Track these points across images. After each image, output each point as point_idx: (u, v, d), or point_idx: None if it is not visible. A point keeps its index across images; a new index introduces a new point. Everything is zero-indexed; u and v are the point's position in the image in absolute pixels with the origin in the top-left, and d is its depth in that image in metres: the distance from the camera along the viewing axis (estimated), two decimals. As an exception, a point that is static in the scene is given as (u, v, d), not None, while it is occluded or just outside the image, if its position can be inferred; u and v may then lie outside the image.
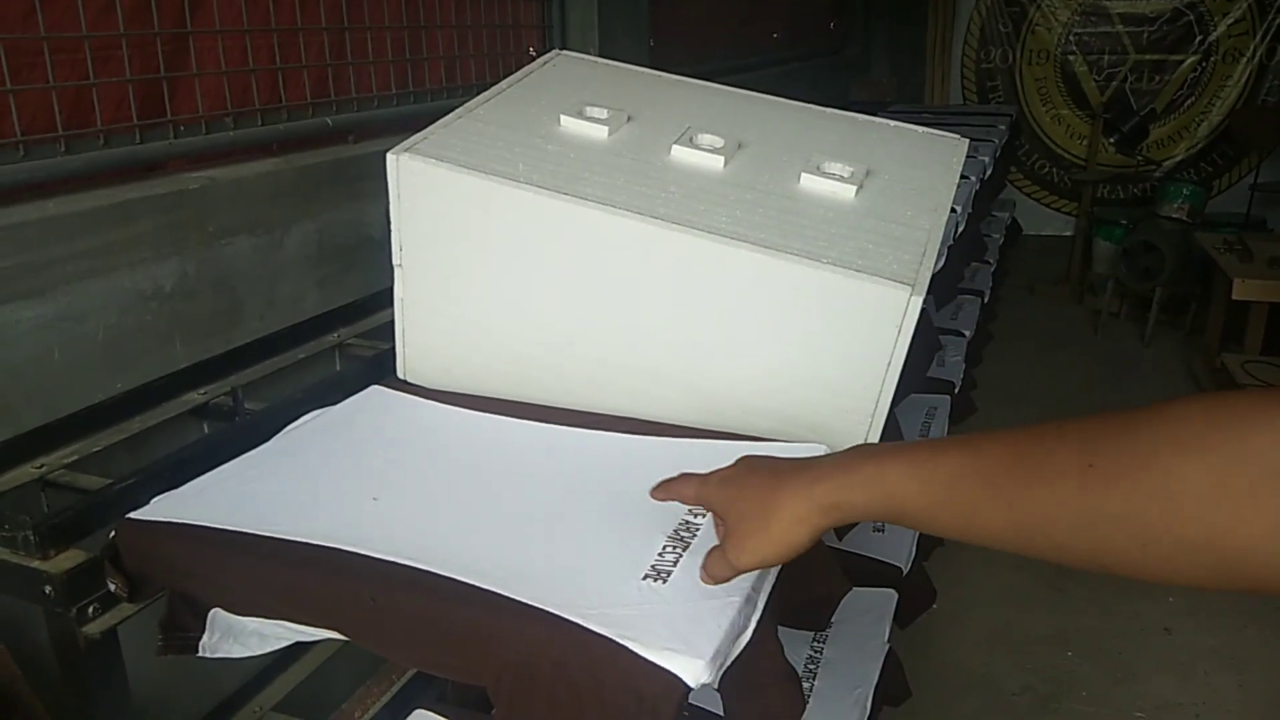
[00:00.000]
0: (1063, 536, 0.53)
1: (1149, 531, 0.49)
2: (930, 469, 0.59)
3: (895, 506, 0.60)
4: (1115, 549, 0.51)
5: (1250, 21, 5.30)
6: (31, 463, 0.99)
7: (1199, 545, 0.48)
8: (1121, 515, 0.50)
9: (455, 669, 0.74)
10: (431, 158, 1.01)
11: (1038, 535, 0.54)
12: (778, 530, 0.65)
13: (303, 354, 1.32)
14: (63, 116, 1.15)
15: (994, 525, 0.56)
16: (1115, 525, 0.50)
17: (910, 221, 1.02)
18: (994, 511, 0.56)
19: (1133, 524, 0.50)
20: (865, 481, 0.62)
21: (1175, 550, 0.49)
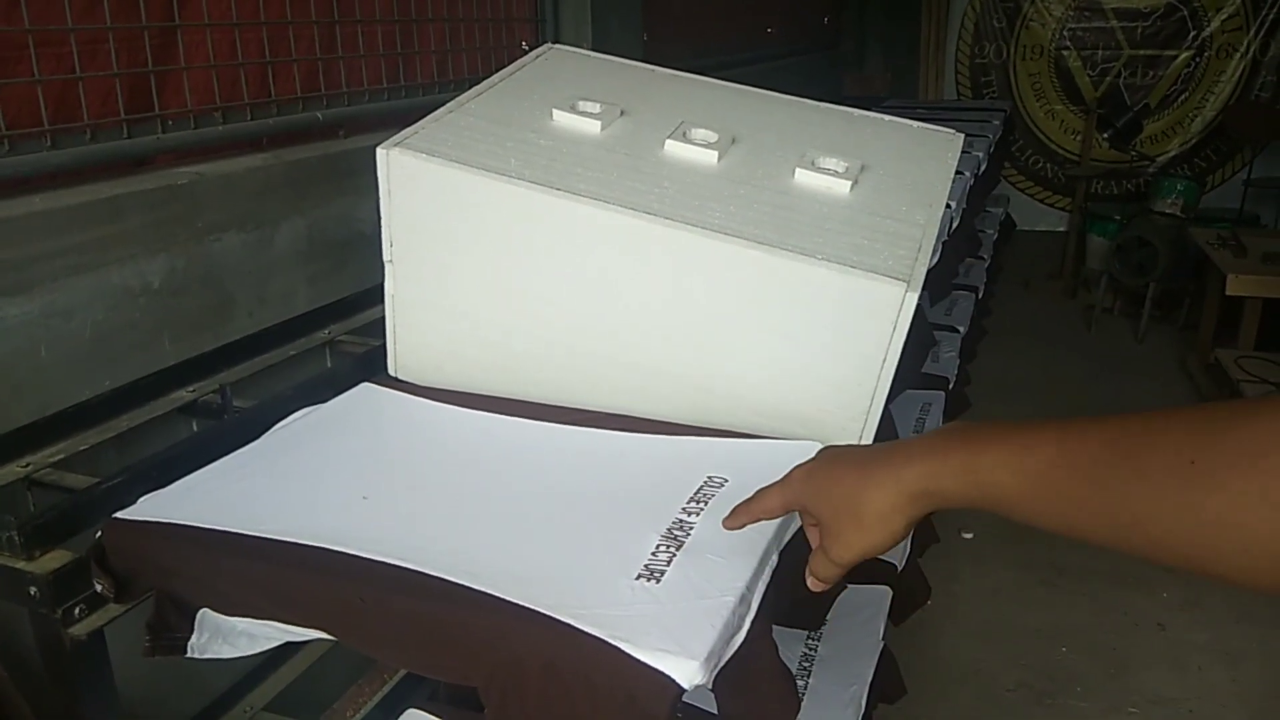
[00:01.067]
0: (1161, 535, 0.50)
1: (1252, 536, 0.46)
2: (1024, 458, 0.57)
3: (989, 496, 0.58)
4: (1216, 553, 0.48)
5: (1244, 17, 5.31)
6: (17, 461, 0.98)
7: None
8: (1224, 518, 0.47)
9: (446, 670, 0.73)
10: (422, 153, 1.00)
11: (1135, 533, 0.52)
12: (872, 521, 0.63)
13: (293, 351, 1.31)
14: (49, 111, 1.13)
15: (1090, 521, 0.54)
16: (1217, 528, 0.48)
17: (905, 217, 1.01)
18: (1091, 507, 0.53)
19: (1235, 527, 0.47)
20: (957, 469, 0.60)
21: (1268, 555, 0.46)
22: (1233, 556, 0.48)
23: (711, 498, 0.84)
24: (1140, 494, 0.51)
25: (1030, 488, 0.56)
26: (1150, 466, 0.50)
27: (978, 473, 0.58)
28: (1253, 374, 3.19)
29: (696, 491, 0.84)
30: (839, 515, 0.64)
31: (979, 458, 0.59)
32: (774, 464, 0.89)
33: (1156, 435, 0.51)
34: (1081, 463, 0.54)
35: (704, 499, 0.83)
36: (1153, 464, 0.50)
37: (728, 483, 0.86)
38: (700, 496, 0.84)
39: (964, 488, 0.59)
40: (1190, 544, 0.49)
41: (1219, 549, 0.48)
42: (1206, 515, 0.48)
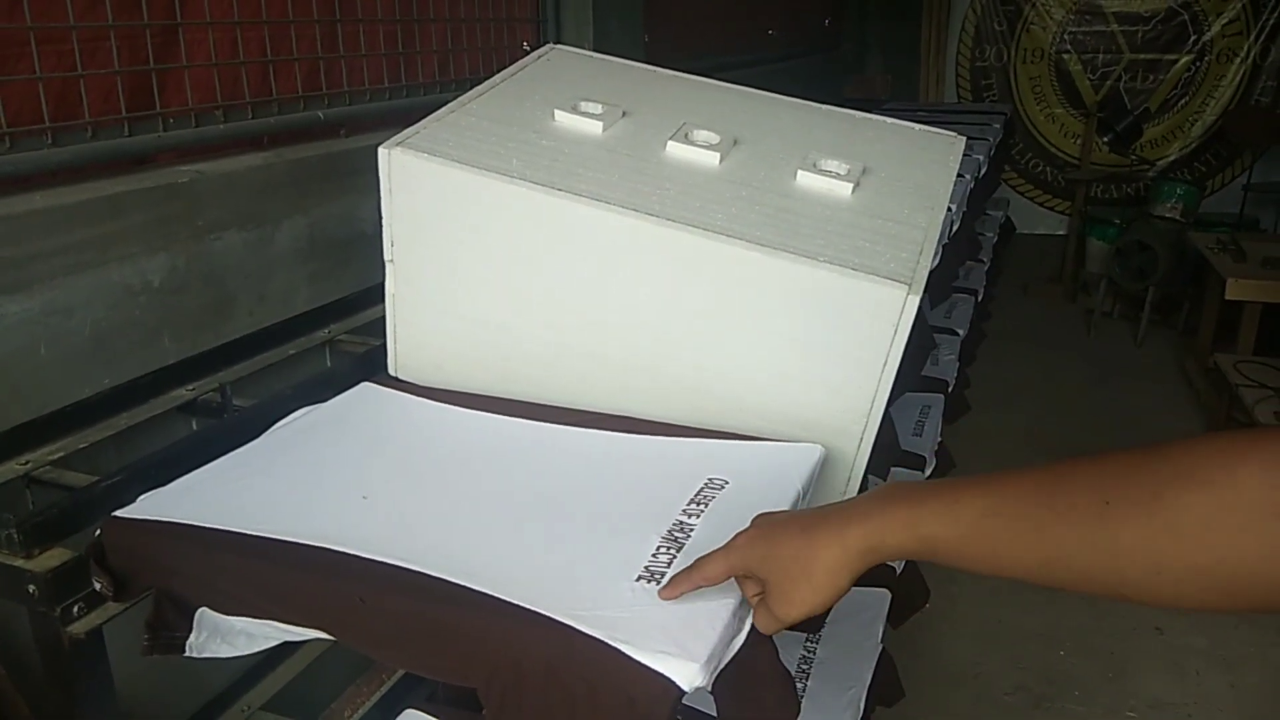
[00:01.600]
0: (1084, 569, 0.58)
1: (1161, 560, 0.54)
2: (957, 510, 0.62)
3: (927, 547, 0.64)
4: (1132, 579, 0.56)
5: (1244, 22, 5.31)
6: (16, 459, 0.98)
7: (1205, 571, 0.53)
8: (1136, 547, 0.55)
9: (445, 670, 0.73)
10: (424, 152, 1.00)
11: (1059, 569, 0.59)
12: (820, 578, 0.67)
13: (293, 350, 1.31)
14: (50, 108, 1.13)
15: (1020, 561, 0.60)
16: (1131, 556, 0.55)
17: (907, 219, 1.01)
18: (1019, 549, 0.60)
19: (1146, 554, 0.55)
20: (899, 525, 0.65)
21: (1185, 576, 0.54)
22: (1146, 580, 0.55)
23: (712, 499, 0.84)
24: (1061, 535, 0.58)
25: (964, 536, 0.62)
26: (1071, 510, 0.58)
27: (917, 527, 0.64)
28: (1251, 378, 3.19)
29: (697, 493, 0.84)
30: (787, 575, 0.68)
31: (917, 512, 0.64)
32: (774, 466, 0.90)
33: (1075, 480, 0.59)
34: (1008, 510, 0.61)
35: (704, 501, 0.83)
36: (1073, 507, 0.58)
37: (728, 485, 0.86)
38: (701, 498, 0.84)
39: (905, 541, 0.64)
40: (1107, 574, 0.57)
41: (1134, 576, 0.56)
42: (1122, 546, 0.55)
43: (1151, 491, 0.54)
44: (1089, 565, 0.57)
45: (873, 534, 0.65)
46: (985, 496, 0.62)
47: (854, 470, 0.98)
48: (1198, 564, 0.53)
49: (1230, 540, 0.52)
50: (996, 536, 0.61)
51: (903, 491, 0.67)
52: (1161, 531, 0.54)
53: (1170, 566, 0.54)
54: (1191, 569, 0.53)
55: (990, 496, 0.62)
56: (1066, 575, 0.59)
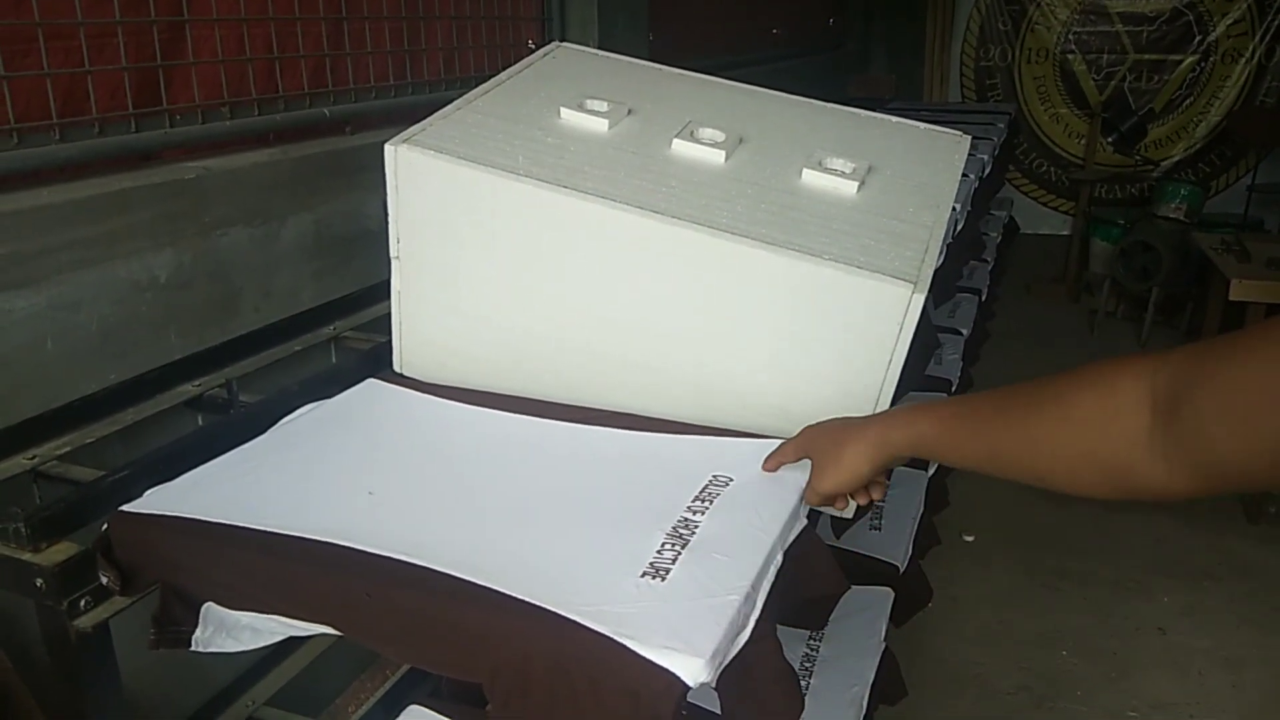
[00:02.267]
0: (1011, 457, 0.74)
1: (1060, 447, 0.70)
2: (940, 413, 0.80)
3: (918, 441, 0.81)
4: (1043, 465, 0.72)
5: (1249, 22, 5.30)
6: (24, 454, 0.98)
7: (1088, 455, 0.68)
8: (1043, 437, 0.71)
9: (450, 665, 0.73)
10: (430, 149, 1.00)
11: (998, 458, 0.75)
12: (847, 460, 0.84)
13: (298, 346, 1.31)
14: (57, 104, 1.14)
15: (972, 452, 0.78)
16: (1041, 445, 0.71)
17: (912, 218, 1.01)
18: (972, 442, 0.78)
19: (1051, 443, 0.70)
20: (903, 424, 0.83)
21: (1076, 461, 0.69)
22: (1054, 467, 0.71)
23: (717, 497, 0.84)
24: (999, 429, 0.75)
25: (940, 433, 0.80)
26: (1007, 409, 0.75)
27: (914, 425, 0.82)
28: (1255, 379, 3.18)
29: (702, 490, 0.85)
30: (826, 454, 0.86)
31: (916, 415, 0.82)
32: (779, 463, 0.90)
33: (1016, 391, 0.75)
34: (967, 413, 0.79)
35: (709, 498, 0.83)
36: (1009, 407, 0.75)
37: (733, 482, 0.86)
38: (706, 495, 0.84)
39: (905, 437, 0.82)
40: (1028, 462, 0.73)
41: (1044, 463, 0.71)
42: (1034, 437, 0.72)
43: (1061, 394, 0.70)
44: (1016, 455, 0.73)
45: (886, 430, 0.83)
46: (959, 404, 0.81)
47: (858, 468, 0.98)
48: (1084, 450, 0.68)
49: (1105, 430, 0.66)
50: (958, 433, 0.78)
51: (913, 406, 0.84)
52: (1062, 424, 0.69)
53: (1065, 452, 0.69)
54: (1080, 455, 0.68)
55: (964, 405, 0.81)
56: (1003, 463, 0.74)
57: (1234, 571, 2.65)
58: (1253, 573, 2.65)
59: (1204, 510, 2.97)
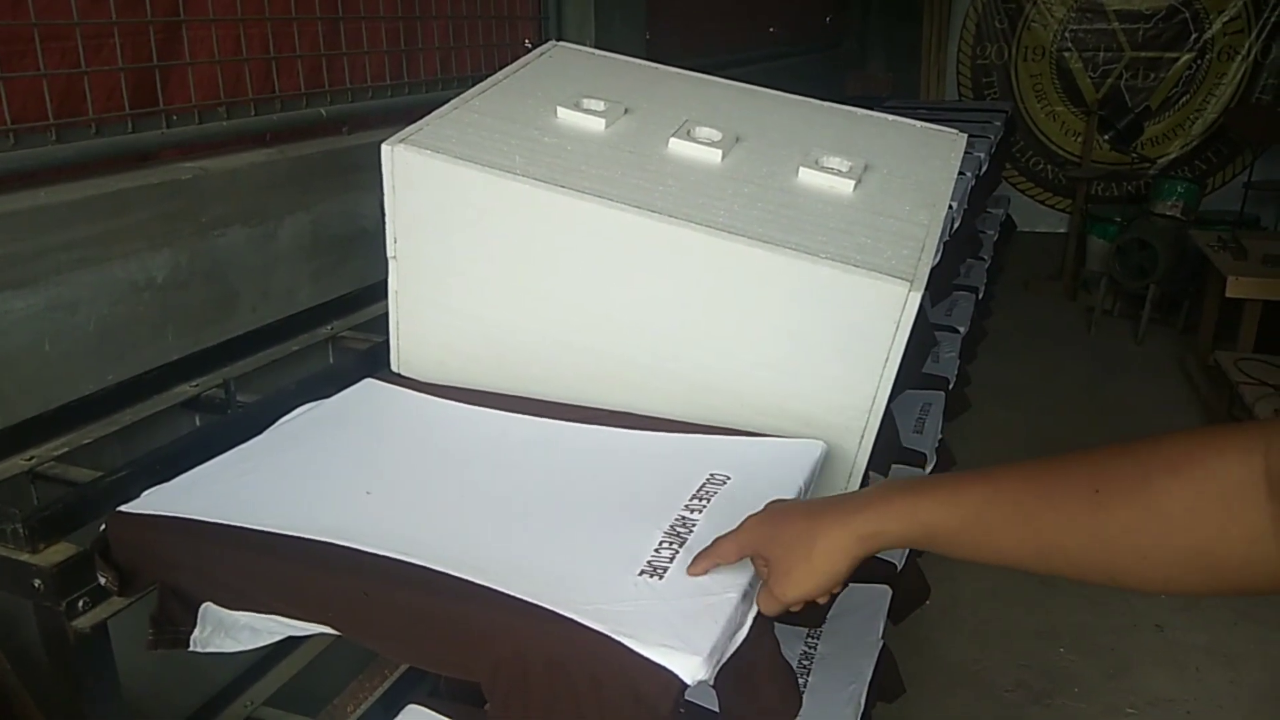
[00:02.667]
0: (1075, 554, 0.61)
1: (1147, 545, 0.58)
2: (957, 499, 0.66)
3: (926, 533, 0.67)
4: (1121, 564, 0.60)
5: (1245, 19, 5.31)
6: (21, 454, 0.98)
7: (1189, 553, 0.57)
8: (1124, 532, 0.58)
9: (449, 664, 0.73)
10: (427, 149, 1.00)
11: (1054, 555, 0.62)
12: (820, 561, 0.69)
13: (296, 346, 1.31)
14: (54, 105, 1.14)
15: (1015, 548, 0.64)
16: (1119, 542, 0.59)
17: (908, 216, 1.01)
18: (1015, 535, 0.64)
19: (1134, 539, 0.58)
20: (900, 513, 0.68)
21: (1171, 559, 0.57)
22: (1134, 565, 0.59)
23: (714, 495, 0.84)
24: (1055, 522, 0.62)
25: (963, 524, 0.65)
26: (1063, 498, 0.61)
27: (918, 515, 0.67)
28: (1252, 376, 3.19)
29: (699, 489, 0.85)
30: (790, 555, 0.70)
31: (920, 502, 0.67)
32: (776, 462, 0.90)
33: (1068, 471, 0.62)
34: (1004, 500, 0.64)
35: (707, 496, 0.84)
36: (1065, 495, 0.61)
37: (730, 480, 0.87)
38: (703, 494, 0.84)
39: (906, 529, 0.68)
40: (1098, 560, 0.61)
41: (1123, 560, 0.59)
42: (1111, 532, 0.59)
43: (1139, 480, 0.58)
44: (1081, 551, 0.61)
45: (876, 521, 0.68)
46: (983, 486, 0.65)
47: (855, 466, 0.98)
48: (1182, 547, 0.56)
49: (1212, 524, 0.55)
50: (992, 525, 0.64)
51: (905, 483, 0.70)
52: (1148, 517, 0.57)
53: (1157, 551, 0.57)
54: (1177, 552, 0.57)
55: (988, 487, 0.65)
56: (1060, 562, 0.62)
57: (1231, 568, 2.65)
58: (1250, 569, 2.65)
59: (1201, 507, 2.96)
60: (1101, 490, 0.59)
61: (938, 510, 0.66)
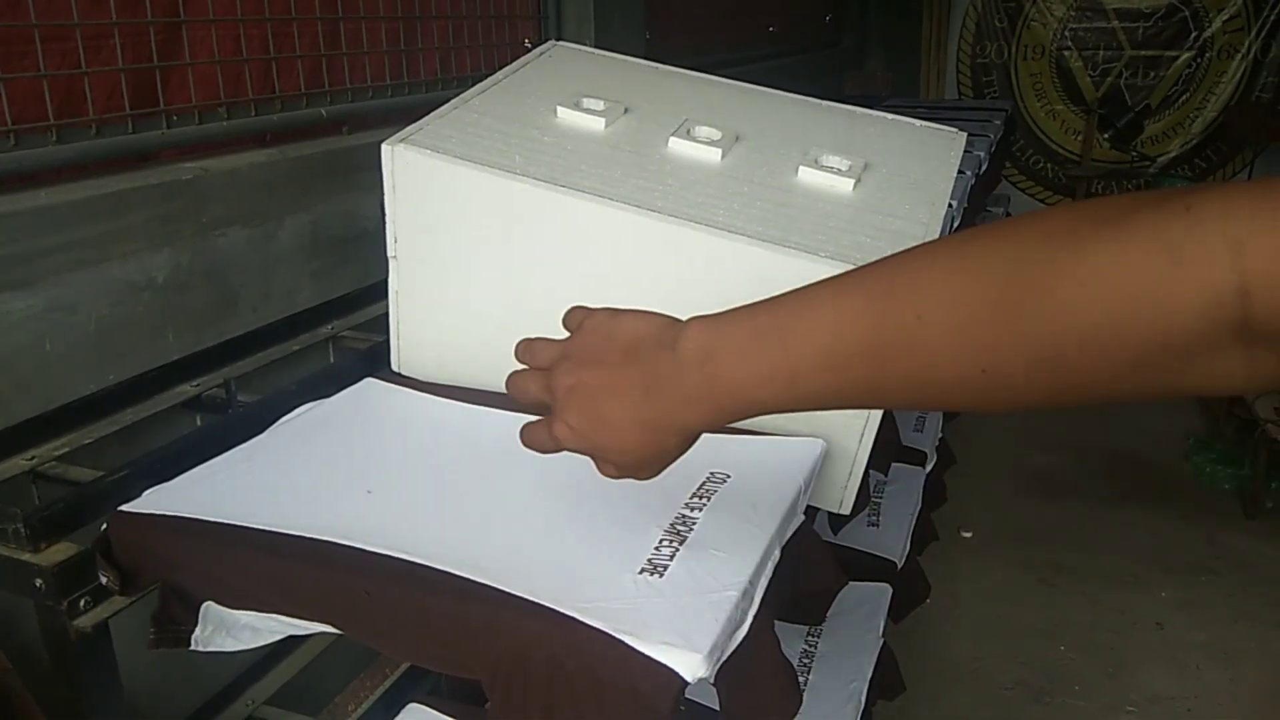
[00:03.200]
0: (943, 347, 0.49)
1: (1082, 315, 0.43)
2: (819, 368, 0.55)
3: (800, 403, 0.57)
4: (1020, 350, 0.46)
5: (1245, 18, 5.31)
6: (22, 454, 0.99)
7: (1134, 328, 0.42)
8: (1039, 305, 0.45)
9: (450, 663, 0.73)
10: (427, 149, 1.00)
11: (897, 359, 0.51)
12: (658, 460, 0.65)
13: (296, 346, 1.32)
14: (54, 105, 1.14)
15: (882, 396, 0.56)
16: (1024, 319, 0.45)
17: (908, 215, 1.02)
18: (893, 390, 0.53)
19: (1060, 313, 0.44)
20: (747, 397, 0.58)
21: (1109, 339, 0.43)
22: (1088, 351, 0.43)
23: (714, 494, 0.84)
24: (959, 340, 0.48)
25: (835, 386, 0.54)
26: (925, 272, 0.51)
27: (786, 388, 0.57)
28: (1252, 374, 3.19)
29: (699, 487, 0.85)
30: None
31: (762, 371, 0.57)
32: (776, 460, 0.90)
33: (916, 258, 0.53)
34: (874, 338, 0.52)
35: (707, 495, 0.84)
36: (924, 269, 0.51)
37: (730, 478, 0.87)
38: (703, 492, 0.84)
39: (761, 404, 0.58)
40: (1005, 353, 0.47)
41: (1058, 348, 0.45)
42: (1031, 308, 0.45)
43: (1022, 242, 0.46)
44: (947, 344, 0.48)
45: (715, 413, 0.61)
46: (843, 327, 0.53)
47: (855, 465, 0.98)
48: (1122, 319, 0.42)
49: (1163, 291, 0.40)
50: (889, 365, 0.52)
51: (724, 339, 0.60)
52: (1075, 284, 0.43)
53: (1087, 325, 0.43)
54: (1115, 327, 0.42)
55: (849, 328, 0.53)
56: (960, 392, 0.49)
57: (1231, 566, 2.66)
58: (1250, 567, 2.65)
59: (1200, 505, 2.98)
60: (971, 257, 0.47)
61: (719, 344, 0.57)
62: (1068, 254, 0.43)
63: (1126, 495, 3.03)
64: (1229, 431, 3.38)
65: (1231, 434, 3.35)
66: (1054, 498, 3.01)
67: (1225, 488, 3.10)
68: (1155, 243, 0.41)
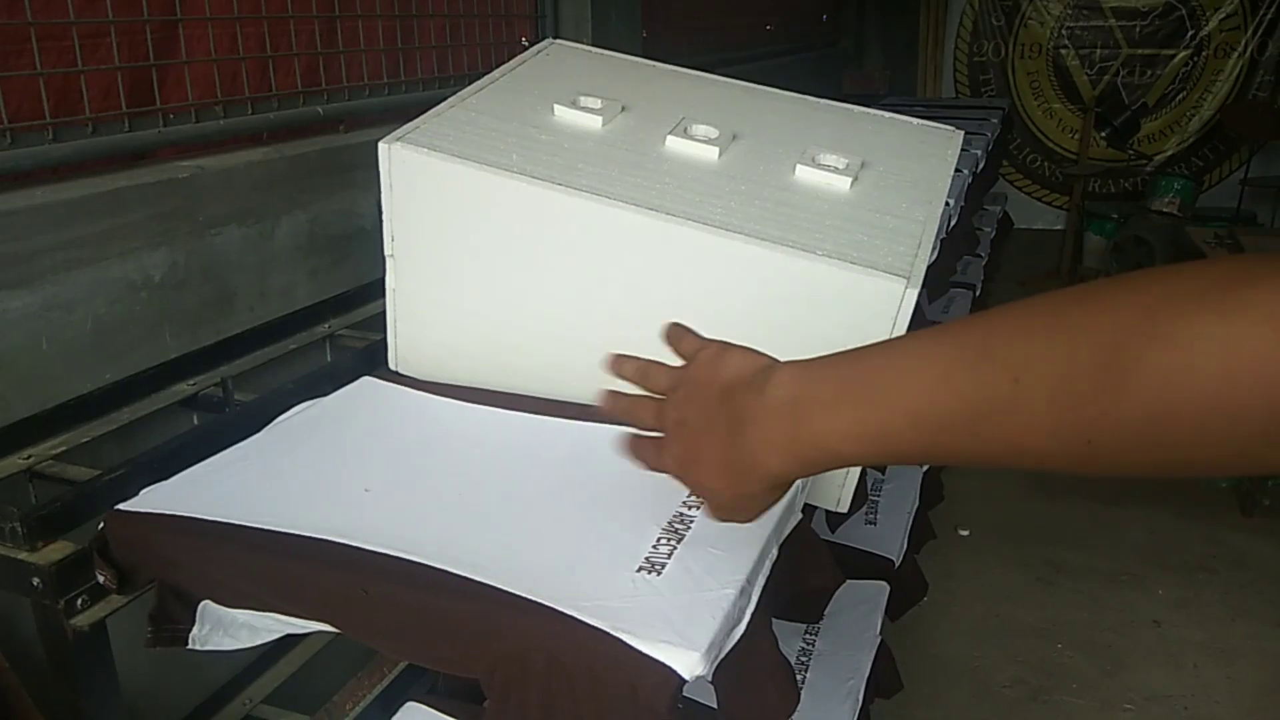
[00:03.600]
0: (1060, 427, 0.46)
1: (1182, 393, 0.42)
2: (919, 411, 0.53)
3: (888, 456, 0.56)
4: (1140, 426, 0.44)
5: (1242, 16, 5.32)
6: (19, 454, 0.98)
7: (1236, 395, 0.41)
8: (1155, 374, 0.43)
9: (448, 661, 0.73)
10: (424, 147, 1.00)
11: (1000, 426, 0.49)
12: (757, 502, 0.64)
13: (293, 345, 1.31)
14: (50, 104, 1.13)
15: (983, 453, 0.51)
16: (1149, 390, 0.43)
17: (905, 213, 1.02)
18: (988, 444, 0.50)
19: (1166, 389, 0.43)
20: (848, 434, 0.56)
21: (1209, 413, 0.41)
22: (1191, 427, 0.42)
23: (712, 492, 0.84)
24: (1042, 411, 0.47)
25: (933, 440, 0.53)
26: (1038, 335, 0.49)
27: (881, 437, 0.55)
28: (1249, 373, 3.20)
29: (697, 485, 0.85)
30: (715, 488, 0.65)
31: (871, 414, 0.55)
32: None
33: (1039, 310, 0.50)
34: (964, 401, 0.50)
35: (704, 493, 0.84)
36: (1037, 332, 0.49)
37: (728, 477, 0.87)
38: (701, 490, 0.84)
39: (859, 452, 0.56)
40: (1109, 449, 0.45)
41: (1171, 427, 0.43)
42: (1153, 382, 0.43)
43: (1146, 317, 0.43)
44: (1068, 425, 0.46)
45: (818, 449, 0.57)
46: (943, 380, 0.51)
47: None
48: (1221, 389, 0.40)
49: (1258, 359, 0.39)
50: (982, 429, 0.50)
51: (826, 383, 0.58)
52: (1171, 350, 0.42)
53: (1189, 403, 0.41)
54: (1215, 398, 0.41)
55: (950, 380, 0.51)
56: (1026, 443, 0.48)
57: (1228, 564, 2.67)
58: (1247, 565, 2.66)
59: (1198, 503, 2.98)
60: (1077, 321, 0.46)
61: (905, 428, 0.52)
62: (1171, 327, 0.42)
63: (1124, 493, 3.03)
64: (1226, 429, 3.38)
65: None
66: (1051, 496, 3.02)
67: (1222, 486, 3.10)
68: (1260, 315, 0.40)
